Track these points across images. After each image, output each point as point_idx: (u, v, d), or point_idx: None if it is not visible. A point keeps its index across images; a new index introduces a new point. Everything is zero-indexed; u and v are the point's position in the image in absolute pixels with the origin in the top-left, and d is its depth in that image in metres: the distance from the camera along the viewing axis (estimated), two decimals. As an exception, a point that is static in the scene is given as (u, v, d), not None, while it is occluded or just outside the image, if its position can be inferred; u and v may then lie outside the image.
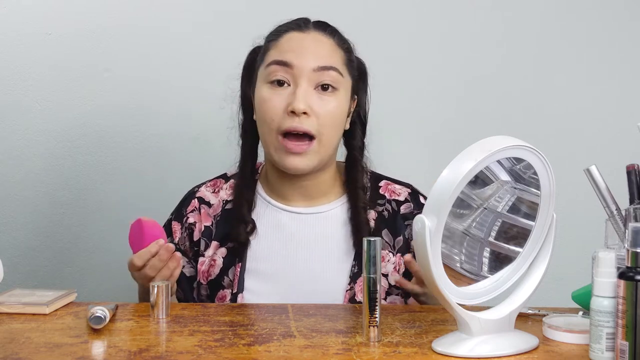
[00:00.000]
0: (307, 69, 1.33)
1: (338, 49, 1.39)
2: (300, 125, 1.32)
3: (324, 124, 1.34)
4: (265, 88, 1.36)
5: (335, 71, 1.35)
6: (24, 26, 1.76)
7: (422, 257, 0.96)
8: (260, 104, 1.36)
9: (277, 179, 1.42)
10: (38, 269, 1.80)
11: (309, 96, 1.33)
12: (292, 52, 1.34)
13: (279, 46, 1.37)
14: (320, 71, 1.34)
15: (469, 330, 1.00)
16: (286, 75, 1.34)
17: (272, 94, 1.34)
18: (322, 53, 1.36)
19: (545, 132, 1.85)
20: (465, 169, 0.94)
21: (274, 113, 1.33)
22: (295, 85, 1.33)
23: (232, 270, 1.39)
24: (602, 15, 1.88)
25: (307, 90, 1.33)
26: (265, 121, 1.35)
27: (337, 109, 1.36)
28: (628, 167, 1.13)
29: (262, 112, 1.36)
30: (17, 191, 1.79)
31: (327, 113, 1.34)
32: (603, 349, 0.94)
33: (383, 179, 1.49)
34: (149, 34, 1.79)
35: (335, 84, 1.35)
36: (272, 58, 1.36)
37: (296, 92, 1.32)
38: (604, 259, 0.95)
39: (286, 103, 1.33)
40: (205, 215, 1.44)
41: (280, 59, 1.34)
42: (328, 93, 1.35)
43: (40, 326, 1.11)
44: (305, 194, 1.42)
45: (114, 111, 1.80)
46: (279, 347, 1.00)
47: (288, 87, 1.34)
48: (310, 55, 1.34)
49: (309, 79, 1.33)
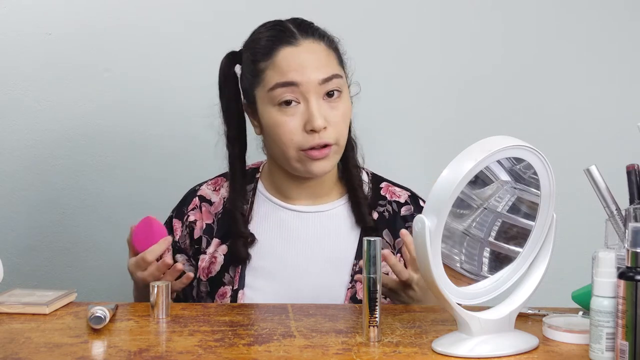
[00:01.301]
0: (312, 84, 1.33)
1: (331, 52, 1.39)
2: (321, 140, 1.33)
3: (340, 130, 1.36)
4: (274, 111, 1.35)
5: (337, 77, 1.36)
6: (24, 26, 1.76)
7: (422, 257, 0.96)
8: (274, 127, 1.35)
9: (284, 180, 1.43)
10: (38, 269, 1.80)
11: (322, 109, 1.34)
12: (294, 71, 1.34)
13: (276, 67, 1.35)
14: (324, 83, 1.34)
15: (469, 330, 1.00)
16: (293, 94, 1.34)
17: (285, 115, 1.34)
18: (321, 64, 1.36)
19: (545, 132, 1.85)
20: (465, 169, 0.94)
21: (293, 134, 1.34)
22: (306, 101, 1.34)
23: (233, 267, 1.40)
24: (602, 15, 1.88)
25: (319, 104, 1.34)
26: (284, 143, 1.35)
27: (347, 110, 1.38)
28: (628, 167, 1.13)
29: (277, 135, 1.35)
30: (17, 191, 1.79)
31: (340, 119, 1.36)
32: (603, 349, 0.94)
33: (384, 180, 1.49)
34: (149, 34, 1.79)
35: (339, 88, 1.36)
36: (275, 81, 1.34)
37: (311, 110, 1.33)
38: (604, 259, 0.95)
39: (302, 121, 1.33)
40: (206, 213, 1.45)
41: (285, 81, 1.33)
42: (335, 99, 1.36)
43: (40, 326, 1.11)
44: (311, 194, 1.43)
45: (114, 111, 1.80)
46: (279, 347, 1.00)
47: (297, 105, 1.34)
48: (312, 70, 1.34)
49: (316, 93, 1.34)
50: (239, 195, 1.43)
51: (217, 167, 1.52)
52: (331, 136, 1.34)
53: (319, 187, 1.43)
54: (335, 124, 1.35)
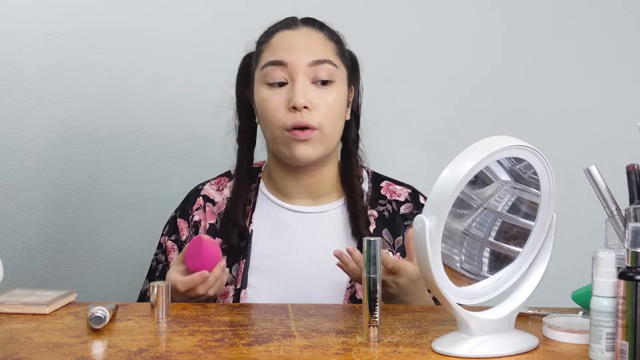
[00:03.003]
0: (302, 65, 1.35)
1: (329, 41, 1.41)
2: (303, 119, 1.34)
3: (325, 116, 1.36)
4: (264, 89, 1.37)
5: (330, 63, 1.37)
6: (24, 26, 1.77)
7: (422, 257, 0.96)
8: (261, 104, 1.38)
9: (281, 176, 1.43)
10: (38, 269, 1.80)
11: (308, 90, 1.35)
12: (285, 51, 1.36)
13: (271, 47, 1.38)
14: (314, 65, 1.35)
15: (469, 330, 1.00)
16: (282, 74, 1.36)
17: (272, 93, 1.36)
18: (314, 47, 1.37)
19: (545, 132, 1.85)
20: (465, 169, 0.94)
21: (276, 111, 1.35)
22: (293, 81, 1.35)
23: (236, 266, 1.40)
24: (601, 15, 1.88)
25: (305, 84, 1.35)
26: (269, 119, 1.36)
27: (337, 100, 1.38)
28: (628, 167, 1.13)
29: (263, 112, 1.37)
30: (17, 191, 1.79)
31: (326, 105, 1.36)
32: (603, 349, 0.94)
33: (384, 179, 1.49)
34: (149, 34, 1.79)
35: (331, 76, 1.37)
36: (267, 59, 1.37)
37: (295, 88, 1.34)
38: (604, 259, 0.95)
39: (286, 100, 1.35)
40: (209, 213, 1.45)
41: (275, 59, 1.36)
42: (326, 87, 1.37)
43: (40, 326, 1.11)
44: (309, 192, 1.44)
45: (114, 111, 1.80)
46: (279, 347, 1.00)
47: (286, 86, 1.36)
48: (303, 51, 1.36)
49: (305, 74, 1.35)
50: (243, 185, 1.44)
51: (218, 167, 1.52)
52: (314, 119, 1.34)
53: (317, 185, 1.43)
54: (320, 108, 1.35)
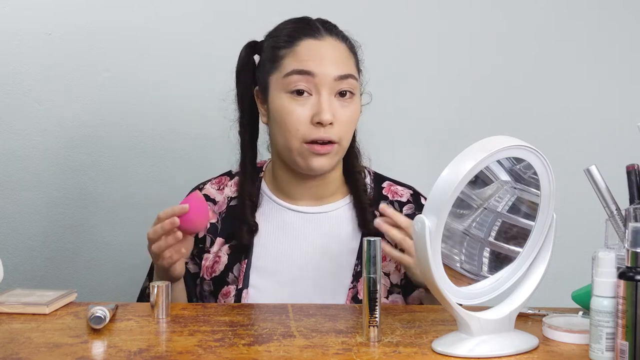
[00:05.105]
0: (328, 78, 1.34)
1: (351, 54, 1.40)
2: (326, 134, 1.34)
3: (345, 130, 1.36)
4: (286, 98, 1.35)
5: (352, 78, 1.37)
6: (24, 26, 1.76)
7: (422, 257, 0.96)
8: (282, 113, 1.36)
9: (287, 179, 1.43)
10: (38, 269, 1.80)
11: (332, 105, 1.34)
12: (313, 62, 1.35)
13: (296, 55, 1.36)
14: (339, 80, 1.35)
15: (469, 330, 1.00)
16: (307, 84, 1.34)
17: (295, 104, 1.34)
18: (341, 61, 1.37)
19: (545, 132, 1.85)
20: (465, 169, 0.94)
21: (299, 123, 1.34)
22: (318, 94, 1.34)
23: (238, 266, 1.40)
24: (601, 15, 1.88)
25: (330, 99, 1.34)
26: (289, 130, 1.35)
27: (356, 113, 1.39)
28: (628, 167, 1.13)
29: (283, 122, 1.36)
30: (16, 191, 1.79)
31: (347, 119, 1.36)
32: (603, 349, 0.94)
33: (386, 179, 1.49)
34: (149, 34, 1.79)
35: (353, 90, 1.37)
36: (292, 67, 1.35)
37: (321, 103, 1.33)
38: (604, 259, 0.95)
39: (311, 113, 1.34)
40: (210, 212, 1.45)
41: (302, 69, 1.34)
42: (347, 99, 1.36)
43: (40, 326, 1.11)
44: (315, 194, 1.43)
45: (114, 111, 1.80)
46: (279, 347, 1.00)
47: (309, 97, 1.35)
48: (330, 64, 1.35)
49: (330, 88, 1.34)
50: (249, 180, 1.44)
51: (218, 167, 1.52)
52: (336, 134, 1.35)
53: (322, 188, 1.43)
54: (342, 123, 1.35)
